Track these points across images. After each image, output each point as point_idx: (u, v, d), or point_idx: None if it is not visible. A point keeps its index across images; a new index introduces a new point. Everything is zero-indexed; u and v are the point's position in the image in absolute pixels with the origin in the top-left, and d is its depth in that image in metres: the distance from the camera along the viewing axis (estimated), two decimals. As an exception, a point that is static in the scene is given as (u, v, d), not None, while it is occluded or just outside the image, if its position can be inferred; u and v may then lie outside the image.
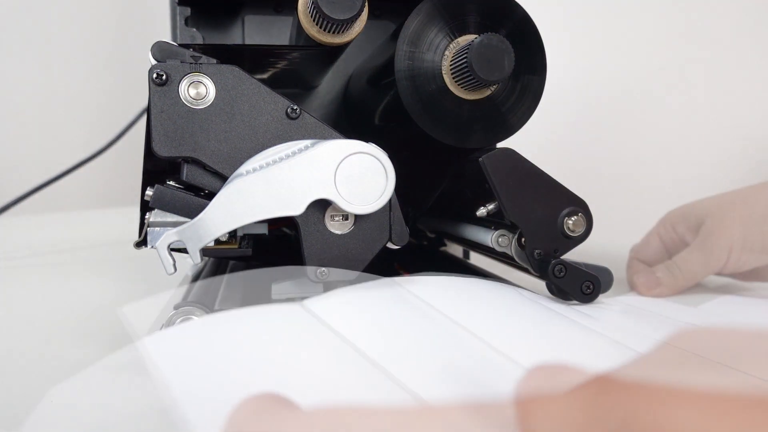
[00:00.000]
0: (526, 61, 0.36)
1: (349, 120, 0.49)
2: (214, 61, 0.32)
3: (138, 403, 0.22)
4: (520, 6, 0.36)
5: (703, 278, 0.44)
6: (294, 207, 0.31)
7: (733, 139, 0.96)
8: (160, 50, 0.31)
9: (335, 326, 0.28)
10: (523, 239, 0.37)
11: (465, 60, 0.33)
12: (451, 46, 0.35)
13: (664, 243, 0.48)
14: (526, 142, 0.41)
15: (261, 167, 0.31)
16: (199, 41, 0.43)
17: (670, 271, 0.44)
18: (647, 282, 0.44)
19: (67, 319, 0.40)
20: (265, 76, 0.45)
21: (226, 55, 0.40)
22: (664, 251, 0.48)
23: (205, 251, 0.32)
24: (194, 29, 0.43)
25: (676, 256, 0.45)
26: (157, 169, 0.35)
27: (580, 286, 0.36)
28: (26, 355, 0.31)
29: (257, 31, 0.47)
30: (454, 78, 0.35)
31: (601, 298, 0.38)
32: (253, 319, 0.29)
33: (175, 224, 0.32)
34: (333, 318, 0.29)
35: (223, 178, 0.31)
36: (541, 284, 0.39)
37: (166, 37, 0.41)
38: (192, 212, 0.31)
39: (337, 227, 0.33)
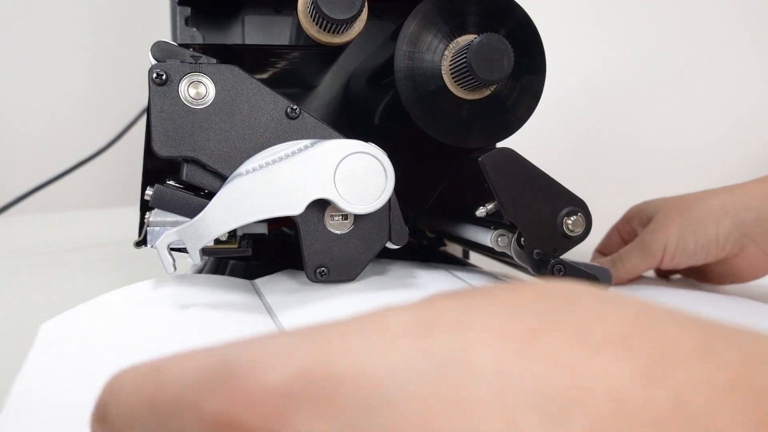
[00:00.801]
0: (525, 61, 0.36)
1: (349, 120, 0.49)
2: (214, 60, 0.32)
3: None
4: (519, 6, 0.36)
5: (642, 272, 0.47)
6: (294, 207, 0.31)
7: (734, 139, 0.96)
8: (160, 50, 0.32)
9: (271, 303, 0.31)
10: (522, 239, 0.37)
11: (464, 60, 0.33)
12: (450, 46, 0.35)
13: (622, 237, 0.51)
14: (526, 142, 0.41)
15: (261, 167, 0.31)
16: (199, 41, 0.43)
17: (614, 264, 0.46)
18: None
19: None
20: (265, 76, 0.45)
21: (226, 55, 0.40)
22: (622, 244, 0.50)
23: (204, 251, 0.32)
24: (194, 29, 0.43)
25: (621, 250, 0.47)
26: (157, 168, 0.35)
27: (580, 285, 0.36)
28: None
29: (257, 31, 0.47)
30: (453, 78, 0.35)
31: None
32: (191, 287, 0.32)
33: (175, 224, 0.32)
34: (271, 296, 0.32)
35: (223, 178, 0.31)
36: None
37: (166, 37, 0.41)
38: (192, 212, 0.31)
39: (336, 227, 0.33)
